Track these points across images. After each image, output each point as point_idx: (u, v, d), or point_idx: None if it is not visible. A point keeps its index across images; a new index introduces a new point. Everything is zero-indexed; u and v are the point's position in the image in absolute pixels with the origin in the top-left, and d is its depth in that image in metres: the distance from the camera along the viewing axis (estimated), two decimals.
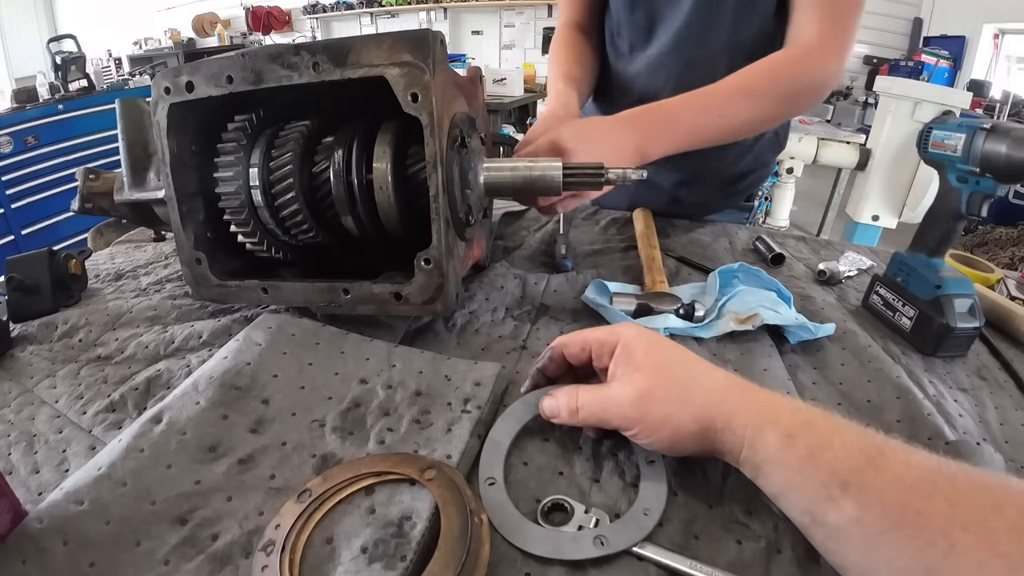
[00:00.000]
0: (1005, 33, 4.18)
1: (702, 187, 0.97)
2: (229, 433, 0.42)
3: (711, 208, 1.00)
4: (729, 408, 0.35)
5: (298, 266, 0.62)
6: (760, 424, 0.34)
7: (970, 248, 3.24)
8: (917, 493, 0.28)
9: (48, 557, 0.33)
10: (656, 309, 0.58)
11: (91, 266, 0.77)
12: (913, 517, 0.27)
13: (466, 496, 0.36)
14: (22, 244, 3.05)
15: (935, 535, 0.26)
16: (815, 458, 0.31)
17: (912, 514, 0.27)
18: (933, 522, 0.27)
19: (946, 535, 0.26)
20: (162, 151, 0.53)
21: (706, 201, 0.99)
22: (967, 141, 0.51)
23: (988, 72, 4.25)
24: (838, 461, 0.30)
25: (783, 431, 0.33)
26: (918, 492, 0.28)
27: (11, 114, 3.05)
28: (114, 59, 5.25)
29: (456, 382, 0.47)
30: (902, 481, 0.29)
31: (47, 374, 0.53)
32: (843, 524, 0.29)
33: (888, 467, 0.29)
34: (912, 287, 0.58)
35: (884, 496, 0.28)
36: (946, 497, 0.27)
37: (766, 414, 0.34)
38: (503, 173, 0.57)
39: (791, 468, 0.32)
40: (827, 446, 0.31)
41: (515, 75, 4.06)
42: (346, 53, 0.47)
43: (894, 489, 0.28)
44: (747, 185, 1.01)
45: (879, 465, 0.29)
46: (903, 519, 0.28)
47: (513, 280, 0.67)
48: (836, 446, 0.31)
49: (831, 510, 0.30)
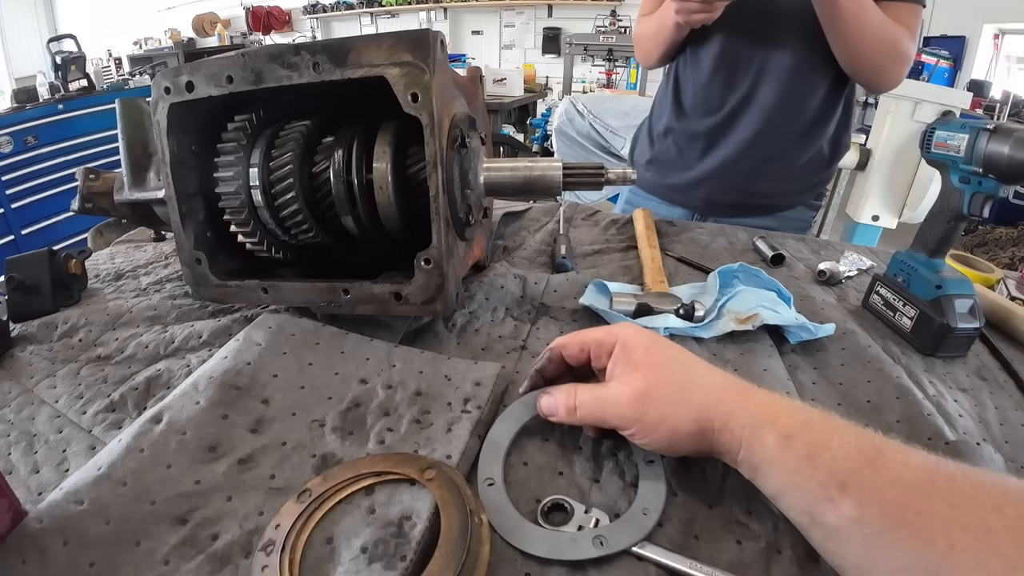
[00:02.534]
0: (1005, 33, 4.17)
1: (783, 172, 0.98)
2: (229, 433, 0.42)
3: (787, 198, 1.01)
4: (727, 408, 0.35)
5: (298, 266, 0.62)
6: (758, 424, 0.34)
7: (970, 248, 3.24)
8: (916, 493, 0.28)
9: (48, 557, 0.33)
10: (656, 309, 0.58)
11: (91, 266, 0.77)
12: (911, 517, 0.27)
13: (466, 496, 0.36)
14: (22, 244, 3.05)
15: (934, 535, 0.26)
16: (813, 459, 0.31)
17: (911, 514, 0.27)
18: (932, 522, 0.27)
19: (945, 535, 0.26)
20: (162, 151, 0.53)
21: (784, 190, 1.00)
22: (970, 142, 0.51)
23: (988, 72, 4.24)
24: (836, 462, 0.30)
25: (781, 432, 0.33)
26: (917, 492, 0.28)
27: (11, 114, 3.05)
28: (114, 59, 5.25)
29: (456, 382, 0.47)
30: (900, 481, 0.28)
31: (47, 374, 0.53)
32: (841, 524, 0.29)
33: (886, 467, 0.29)
34: (912, 287, 0.58)
35: (883, 496, 0.28)
36: (945, 497, 0.27)
37: (764, 414, 0.34)
38: (503, 173, 0.57)
39: (789, 468, 0.32)
40: (825, 447, 0.31)
41: (515, 75, 4.07)
42: (346, 53, 0.47)
43: (892, 489, 0.28)
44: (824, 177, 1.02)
45: (877, 465, 0.29)
46: (901, 519, 0.27)
47: (513, 280, 0.67)
48: (834, 447, 0.31)
49: (829, 511, 0.30)
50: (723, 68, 0.92)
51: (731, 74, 0.92)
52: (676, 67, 1.02)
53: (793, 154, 0.95)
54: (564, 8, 4.89)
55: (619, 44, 4.40)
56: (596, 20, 4.61)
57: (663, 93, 1.07)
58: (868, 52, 0.82)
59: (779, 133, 0.92)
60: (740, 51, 0.90)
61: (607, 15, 4.57)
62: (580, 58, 4.71)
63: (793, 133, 0.93)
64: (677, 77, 1.02)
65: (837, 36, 0.81)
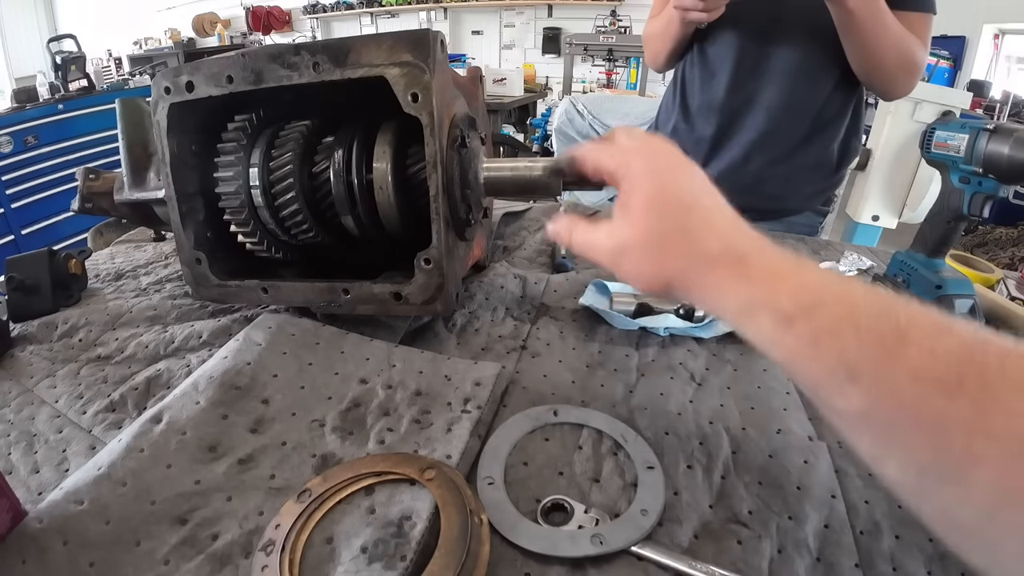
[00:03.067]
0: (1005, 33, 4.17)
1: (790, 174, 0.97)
2: (229, 433, 0.42)
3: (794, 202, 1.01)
4: (715, 286, 0.32)
5: (298, 266, 0.62)
6: (752, 308, 0.30)
7: (970, 248, 3.24)
8: (940, 390, 0.24)
9: (48, 557, 0.33)
10: (656, 309, 0.58)
11: (91, 266, 0.77)
12: (931, 418, 0.24)
13: (466, 496, 0.36)
14: (22, 244, 3.04)
15: (953, 441, 0.23)
16: (819, 344, 0.27)
17: (929, 415, 0.24)
18: (953, 427, 0.23)
19: (967, 443, 0.22)
20: (162, 151, 0.53)
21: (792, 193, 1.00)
22: (970, 142, 0.51)
23: (988, 72, 4.24)
24: (847, 350, 0.26)
25: (781, 315, 0.29)
26: (941, 389, 0.24)
27: (11, 114, 3.05)
28: (114, 59, 5.24)
29: (456, 382, 0.47)
30: (923, 375, 0.24)
31: (47, 374, 0.53)
32: (851, 414, 0.26)
33: (908, 357, 0.25)
34: (913, 287, 0.58)
35: (899, 392, 0.25)
36: (973, 398, 0.23)
37: (761, 295, 0.30)
38: (503, 173, 0.57)
39: (790, 351, 0.29)
40: (835, 331, 0.27)
41: (515, 75, 4.07)
42: (346, 53, 0.47)
43: (912, 385, 0.24)
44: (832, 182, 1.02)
45: (897, 355, 0.25)
46: (918, 420, 0.24)
47: (513, 280, 0.67)
48: (846, 332, 0.27)
49: (837, 398, 0.27)
50: (728, 68, 0.92)
51: (737, 74, 0.92)
52: (683, 68, 1.02)
53: (800, 156, 0.95)
54: (564, 8, 4.88)
55: (619, 44, 4.40)
56: (596, 20, 4.61)
57: (669, 95, 1.06)
58: (884, 62, 0.82)
59: (785, 134, 0.92)
60: (746, 51, 0.90)
61: (607, 15, 4.56)
62: (580, 58, 4.70)
63: (799, 134, 0.93)
64: (683, 78, 1.01)
65: (854, 46, 0.81)
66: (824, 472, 0.40)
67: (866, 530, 0.36)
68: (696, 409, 0.47)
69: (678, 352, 0.54)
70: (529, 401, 0.47)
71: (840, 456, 0.42)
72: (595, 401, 0.47)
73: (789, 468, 0.40)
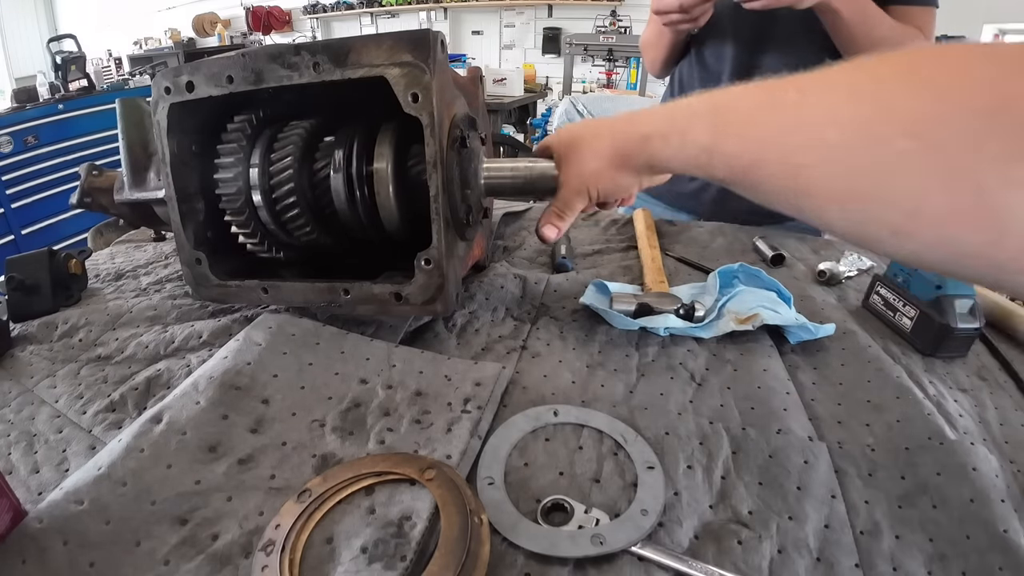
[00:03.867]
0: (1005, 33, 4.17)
1: None
2: (229, 433, 0.42)
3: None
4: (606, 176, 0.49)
5: (298, 266, 0.62)
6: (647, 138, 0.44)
7: None
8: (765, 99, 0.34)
9: (48, 557, 0.33)
10: (656, 309, 0.58)
11: (91, 266, 0.77)
12: (767, 103, 0.33)
13: (466, 496, 0.36)
14: (22, 244, 3.04)
15: (785, 92, 0.32)
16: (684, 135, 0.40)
17: (766, 104, 0.33)
18: (785, 92, 0.32)
19: (797, 90, 0.31)
20: (162, 151, 0.53)
21: None
22: None
23: None
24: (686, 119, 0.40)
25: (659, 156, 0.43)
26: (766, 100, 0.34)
27: (11, 114, 3.04)
28: (114, 59, 5.24)
29: (456, 382, 0.47)
30: (745, 98, 0.35)
31: (47, 374, 0.53)
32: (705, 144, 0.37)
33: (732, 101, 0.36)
34: (912, 287, 0.58)
35: (737, 109, 0.36)
36: (797, 87, 0.32)
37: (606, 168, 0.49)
38: (503, 173, 0.57)
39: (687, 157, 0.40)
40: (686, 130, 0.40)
41: (515, 75, 4.06)
42: (346, 53, 0.47)
43: (739, 102, 0.36)
44: None
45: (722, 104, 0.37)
46: (756, 110, 0.34)
47: (513, 280, 0.67)
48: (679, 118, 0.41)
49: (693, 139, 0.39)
50: (724, 70, 0.92)
51: (733, 76, 0.92)
52: (680, 72, 1.02)
53: None
54: (564, 8, 4.88)
55: (619, 44, 4.40)
56: (596, 20, 4.61)
57: (668, 96, 1.07)
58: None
59: None
60: (740, 53, 0.90)
61: (607, 15, 4.56)
62: (580, 58, 4.70)
63: None
64: (681, 82, 1.01)
65: (846, 45, 0.81)
66: (824, 472, 0.40)
67: (866, 530, 0.36)
68: (696, 409, 0.47)
69: (678, 352, 0.54)
70: (529, 401, 0.47)
71: (840, 456, 0.42)
72: (595, 401, 0.48)
73: (789, 468, 0.40)
